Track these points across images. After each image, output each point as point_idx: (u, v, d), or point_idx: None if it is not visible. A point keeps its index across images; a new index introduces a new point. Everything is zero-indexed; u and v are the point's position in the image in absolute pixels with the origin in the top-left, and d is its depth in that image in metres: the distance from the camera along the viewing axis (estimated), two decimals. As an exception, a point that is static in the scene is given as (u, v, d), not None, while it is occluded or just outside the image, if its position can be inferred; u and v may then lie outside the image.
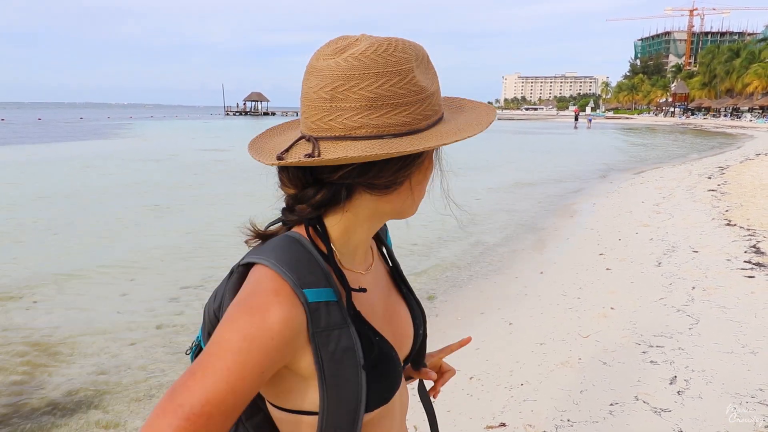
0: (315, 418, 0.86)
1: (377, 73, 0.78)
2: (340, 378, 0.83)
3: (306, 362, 0.82)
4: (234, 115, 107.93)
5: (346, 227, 0.88)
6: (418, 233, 8.18)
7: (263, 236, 0.91)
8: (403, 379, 1.05)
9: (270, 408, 0.93)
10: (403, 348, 1.01)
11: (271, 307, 0.77)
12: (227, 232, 8.76)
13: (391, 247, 1.12)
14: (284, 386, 0.86)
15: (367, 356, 0.86)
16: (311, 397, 0.85)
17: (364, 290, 0.90)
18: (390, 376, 0.92)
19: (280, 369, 0.82)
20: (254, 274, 0.82)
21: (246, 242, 0.92)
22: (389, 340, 0.94)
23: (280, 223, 0.93)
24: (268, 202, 0.94)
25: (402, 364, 1.01)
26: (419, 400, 1.23)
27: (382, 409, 0.93)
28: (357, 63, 0.78)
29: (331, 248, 0.87)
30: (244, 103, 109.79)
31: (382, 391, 0.90)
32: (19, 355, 4.53)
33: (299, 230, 0.89)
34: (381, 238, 1.09)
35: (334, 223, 0.88)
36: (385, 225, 1.13)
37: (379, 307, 0.98)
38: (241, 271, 0.87)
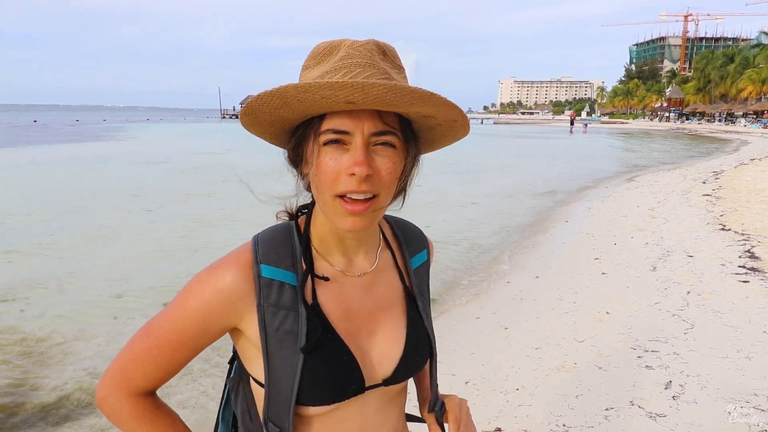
0: (263, 390, 0.93)
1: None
2: (279, 357, 0.89)
3: (252, 330, 0.91)
4: (230, 118, 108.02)
5: (319, 220, 0.95)
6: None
7: (290, 216, 1.01)
8: (388, 401, 1.01)
9: None
10: (376, 367, 0.97)
11: (227, 268, 0.90)
12: (222, 235, 8.75)
13: (422, 265, 1.09)
14: (246, 352, 0.95)
15: (311, 345, 0.89)
16: (261, 367, 0.92)
17: (326, 279, 0.94)
18: (336, 376, 0.91)
19: (238, 333, 0.94)
20: (242, 245, 0.95)
21: (276, 215, 1.01)
22: (355, 349, 0.94)
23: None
24: (264, 205, 1.00)
25: (375, 383, 0.97)
26: None
27: (337, 413, 0.94)
28: None
29: (308, 236, 0.96)
30: (241, 106, 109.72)
31: (322, 387, 0.90)
32: (11, 359, 4.49)
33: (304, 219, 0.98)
34: (405, 254, 1.07)
35: (316, 214, 0.96)
36: (421, 243, 1.11)
37: (359, 314, 0.97)
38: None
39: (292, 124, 0.90)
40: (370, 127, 0.83)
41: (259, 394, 0.96)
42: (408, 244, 1.08)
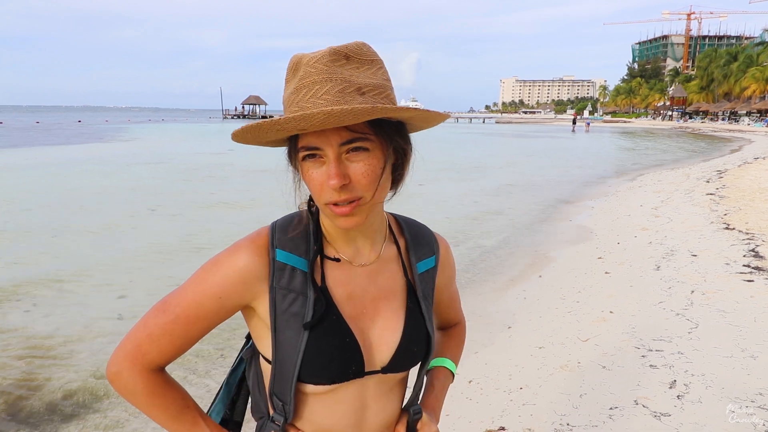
0: (270, 366, 1.00)
1: None
2: (284, 337, 0.95)
3: (264, 309, 0.97)
4: (232, 118, 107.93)
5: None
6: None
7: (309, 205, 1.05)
8: (388, 388, 1.06)
9: None
10: (374, 353, 1.02)
11: (244, 250, 0.97)
12: (225, 235, 8.76)
13: (427, 271, 1.11)
14: (257, 330, 1.02)
15: (314, 321, 0.94)
16: (270, 345, 0.98)
17: (336, 260, 1.01)
18: (336, 356, 0.96)
19: (250, 312, 1.00)
20: (260, 228, 1.02)
21: (299, 206, 1.05)
22: (357, 333, 0.99)
23: None
24: (268, 204, 1.03)
25: (374, 369, 1.02)
26: None
27: (335, 394, 0.99)
28: None
29: (319, 224, 1.01)
30: (242, 107, 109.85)
31: (324, 366, 0.96)
32: (17, 358, 4.51)
33: None
34: (411, 254, 1.09)
35: None
36: (432, 247, 1.13)
37: (361, 300, 1.02)
38: None
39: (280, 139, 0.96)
40: (337, 140, 0.87)
41: (266, 370, 1.03)
42: (416, 246, 1.11)
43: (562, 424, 3.16)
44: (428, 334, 1.07)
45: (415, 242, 1.11)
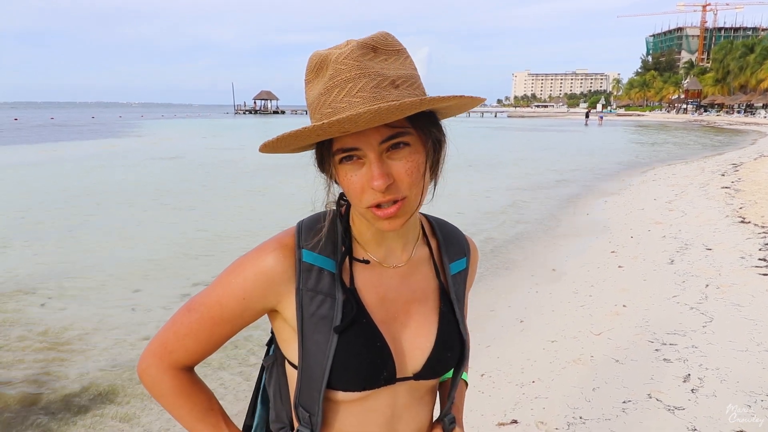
0: (296, 373, 0.97)
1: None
2: (312, 341, 0.92)
3: (290, 312, 0.94)
4: (244, 113, 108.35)
5: (353, 212, 0.98)
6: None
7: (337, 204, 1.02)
8: (419, 396, 1.02)
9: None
10: (406, 359, 0.98)
11: (269, 251, 0.93)
12: (239, 231, 8.82)
13: (459, 272, 1.08)
14: (283, 334, 0.99)
15: (344, 325, 0.91)
16: (297, 350, 0.95)
17: (366, 261, 0.97)
18: (367, 362, 0.92)
19: (276, 315, 0.97)
20: (286, 229, 0.99)
21: (326, 205, 1.01)
22: (388, 337, 0.95)
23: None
24: (280, 200, 1.02)
25: (405, 375, 0.98)
26: None
27: (365, 402, 0.94)
28: None
29: (349, 225, 0.98)
30: (254, 102, 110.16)
31: (354, 372, 0.91)
32: (34, 351, 4.58)
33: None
34: (444, 255, 1.06)
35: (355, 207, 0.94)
36: (463, 248, 1.10)
37: (394, 304, 0.98)
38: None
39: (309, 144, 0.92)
40: (377, 138, 0.83)
41: (292, 376, 0.99)
42: (448, 247, 1.07)
43: (575, 417, 3.15)
44: (462, 338, 1.03)
45: (447, 243, 1.07)
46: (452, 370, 1.05)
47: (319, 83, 0.84)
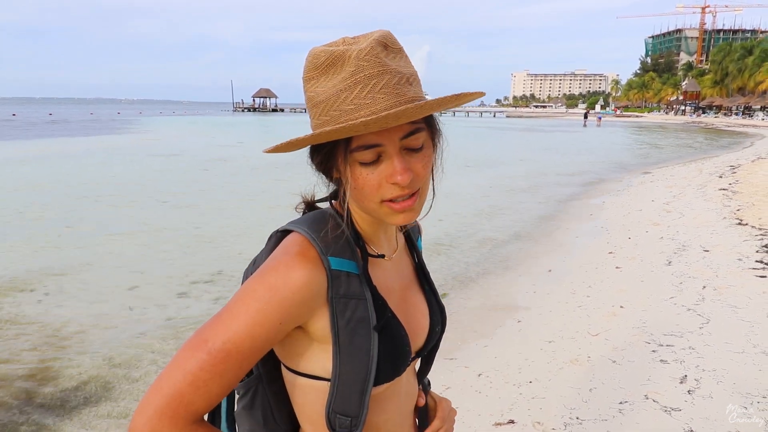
0: (325, 384, 0.92)
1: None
2: (353, 346, 0.89)
3: (321, 325, 0.89)
4: (243, 111, 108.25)
5: (354, 209, 0.96)
6: (427, 231, 8.17)
7: (311, 206, 1.01)
8: (412, 369, 1.10)
9: (284, 372, 0.99)
10: (416, 339, 1.04)
11: (296, 266, 0.85)
12: (236, 229, 8.81)
13: (421, 250, 1.17)
14: (298, 348, 0.93)
15: (382, 323, 0.93)
16: (323, 362, 0.91)
17: (381, 256, 0.99)
18: (398, 352, 0.96)
19: (295, 329, 0.90)
20: (289, 239, 0.92)
21: (296, 208, 1.02)
22: (403, 324, 0.99)
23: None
24: (278, 197, 1.00)
25: (413, 354, 1.05)
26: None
27: (389, 388, 0.98)
28: None
29: (355, 224, 0.96)
30: (253, 100, 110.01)
31: (390, 364, 0.94)
32: (30, 347, 4.57)
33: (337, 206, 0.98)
34: (411, 237, 1.14)
35: (351, 202, 0.93)
36: (417, 228, 1.19)
37: (396, 292, 1.02)
38: (279, 236, 0.95)
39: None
40: (398, 134, 0.85)
41: (314, 390, 0.94)
42: (411, 229, 1.15)
43: (571, 417, 3.16)
44: (442, 307, 1.11)
45: (411, 225, 1.15)
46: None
47: (334, 79, 0.84)
